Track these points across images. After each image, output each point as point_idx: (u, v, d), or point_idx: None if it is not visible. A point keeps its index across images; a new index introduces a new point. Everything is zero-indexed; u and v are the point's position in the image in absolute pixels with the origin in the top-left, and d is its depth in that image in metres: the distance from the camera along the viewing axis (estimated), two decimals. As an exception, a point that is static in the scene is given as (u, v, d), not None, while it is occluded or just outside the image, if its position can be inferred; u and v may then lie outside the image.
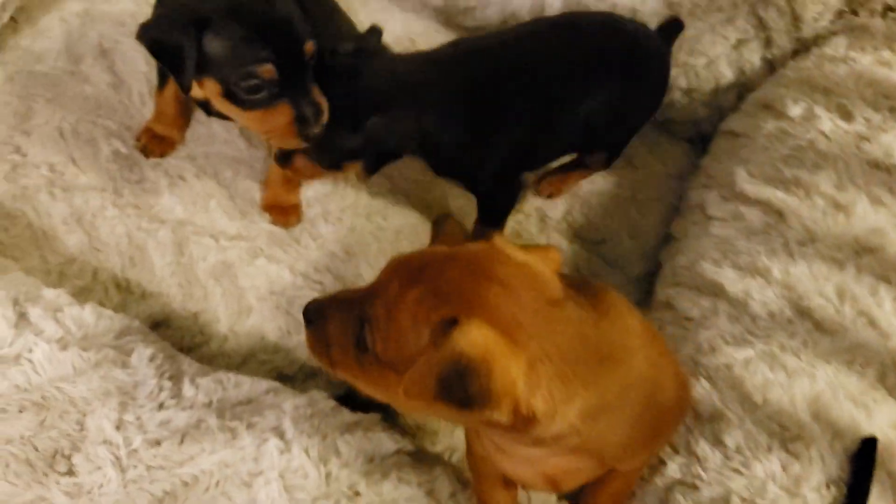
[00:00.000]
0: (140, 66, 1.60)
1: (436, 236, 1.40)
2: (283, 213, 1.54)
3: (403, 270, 0.81)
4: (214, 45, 1.13)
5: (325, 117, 1.22)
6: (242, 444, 1.05)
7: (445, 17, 1.88)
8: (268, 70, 1.14)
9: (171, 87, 1.47)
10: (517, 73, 1.33)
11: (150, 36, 1.15)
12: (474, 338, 0.71)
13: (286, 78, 1.16)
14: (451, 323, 0.74)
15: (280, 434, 1.08)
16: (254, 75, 1.14)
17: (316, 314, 0.90)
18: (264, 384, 1.17)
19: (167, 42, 1.13)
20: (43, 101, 1.51)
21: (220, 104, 1.21)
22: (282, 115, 1.19)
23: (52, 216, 1.40)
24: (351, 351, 0.83)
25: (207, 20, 1.12)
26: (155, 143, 1.54)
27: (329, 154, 1.27)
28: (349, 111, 1.23)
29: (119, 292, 1.37)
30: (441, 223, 1.42)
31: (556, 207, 1.73)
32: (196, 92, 1.26)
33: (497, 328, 0.72)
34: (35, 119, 1.49)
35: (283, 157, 1.31)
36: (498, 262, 0.80)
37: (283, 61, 1.15)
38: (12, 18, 1.55)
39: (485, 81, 1.32)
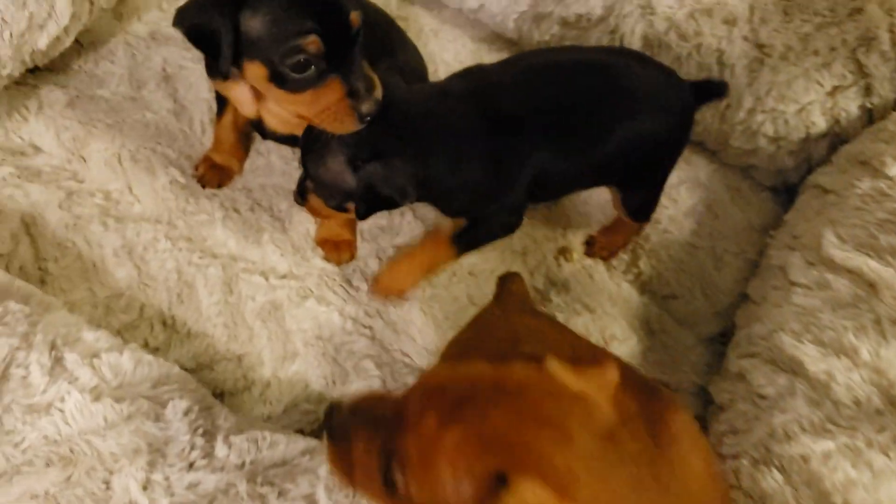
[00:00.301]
0: (202, 92, 1.58)
1: (499, 295, 1.32)
2: (336, 248, 1.48)
3: (440, 401, 0.71)
4: (253, 23, 1.06)
5: (380, 92, 1.13)
6: (272, 514, 1.00)
7: (518, 51, 1.80)
8: (313, 42, 1.05)
9: (230, 115, 1.43)
10: (541, 108, 1.23)
11: (185, 20, 1.09)
12: (528, 501, 0.63)
13: (333, 52, 1.07)
14: (500, 478, 0.65)
15: (312, 504, 1.02)
16: (299, 49, 1.05)
17: (339, 432, 0.80)
18: (301, 443, 1.11)
19: (203, 25, 1.07)
20: (103, 126, 1.49)
21: (267, 90, 1.14)
22: (332, 91, 1.10)
23: (103, 247, 1.38)
24: (378, 481, 0.74)
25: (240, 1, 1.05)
26: (213, 173, 1.51)
27: (328, 193, 1.19)
28: (348, 149, 1.14)
29: (164, 330, 1.33)
30: (506, 282, 1.34)
31: (623, 256, 1.63)
32: (246, 105, 1.22)
33: (551, 485, 0.63)
34: (94, 145, 1.48)
35: (301, 194, 1.25)
36: (550, 396, 0.70)
37: (328, 33, 1.06)
38: (77, 41, 1.53)
39: (506, 116, 1.21)
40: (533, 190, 1.27)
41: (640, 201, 1.47)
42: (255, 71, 1.10)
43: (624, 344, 1.50)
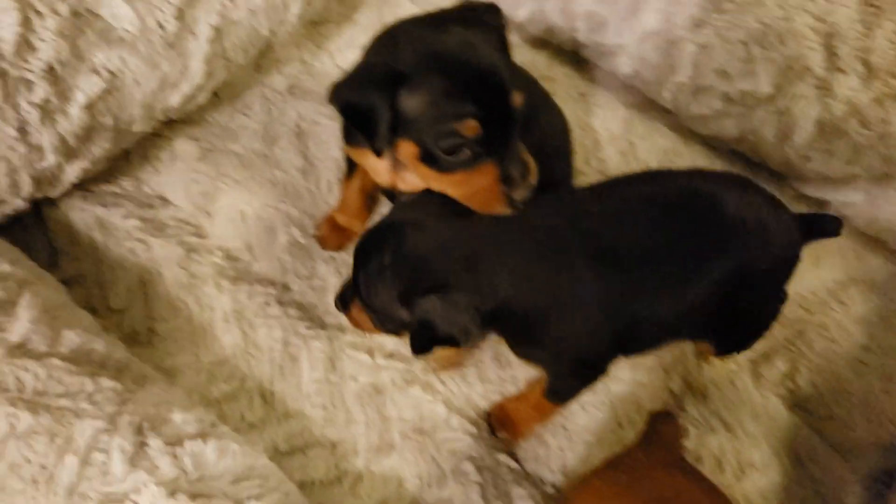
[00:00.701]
0: (332, 150, 1.53)
1: (648, 437, 1.18)
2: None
3: None
4: (411, 102, 1.00)
5: (534, 178, 1.06)
6: None
7: (674, 121, 1.64)
8: (471, 126, 0.99)
9: (358, 178, 1.37)
10: (640, 244, 1.08)
11: (341, 97, 1.03)
12: None
13: (490, 134, 1.01)
14: None
15: None
16: (455, 133, 0.99)
17: None
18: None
19: (359, 103, 1.02)
20: (231, 182, 1.47)
21: (417, 169, 1.07)
22: (485, 175, 1.04)
23: (213, 310, 1.35)
24: None
25: (402, 76, 0.99)
26: (334, 235, 1.45)
27: (379, 318, 1.09)
28: (402, 281, 1.03)
29: (263, 405, 1.28)
30: (657, 422, 1.20)
31: (777, 364, 1.44)
32: (382, 174, 1.17)
33: None
34: (221, 201, 1.46)
35: (343, 303, 1.16)
36: None
37: (487, 116, 0.99)
38: (215, 93, 1.53)
39: (608, 252, 1.07)
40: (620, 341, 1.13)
41: (731, 347, 1.32)
42: (408, 149, 1.04)
43: (764, 474, 1.32)
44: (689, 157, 1.63)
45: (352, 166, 1.36)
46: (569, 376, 1.19)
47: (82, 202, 1.40)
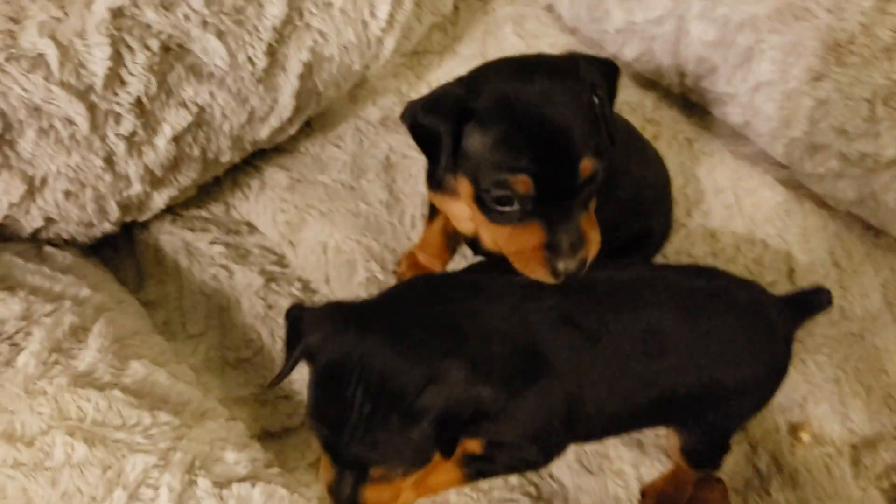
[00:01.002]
0: (419, 185, 1.50)
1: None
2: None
3: None
4: (473, 140, 0.98)
5: (590, 252, 0.99)
6: None
7: (788, 176, 1.52)
8: (522, 182, 0.94)
9: (441, 219, 1.34)
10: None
11: (412, 116, 1.03)
12: None
13: (547, 195, 0.96)
14: None
15: None
16: (505, 185, 0.95)
17: None
18: None
19: (427, 126, 1.00)
20: (317, 213, 1.47)
21: (471, 208, 1.05)
22: (531, 236, 0.99)
23: (274, 344, 1.35)
24: None
25: (471, 112, 0.97)
26: (414, 273, 1.43)
27: (393, 463, 0.95)
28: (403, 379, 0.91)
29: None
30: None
31: (882, 453, 1.30)
32: (462, 221, 1.15)
33: None
34: (304, 231, 1.46)
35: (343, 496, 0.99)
36: None
37: (545, 176, 0.94)
38: (307, 124, 1.53)
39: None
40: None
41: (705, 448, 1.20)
42: (466, 187, 1.02)
43: (850, 580, 1.19)
44: (800, 216, 1.50)
45: (434, 210, 1.34)
46: (506, 453, 1.11)
47: (171, 226, 1.43)
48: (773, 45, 1.34)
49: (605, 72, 1.03)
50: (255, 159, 1.51)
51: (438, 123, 0.98)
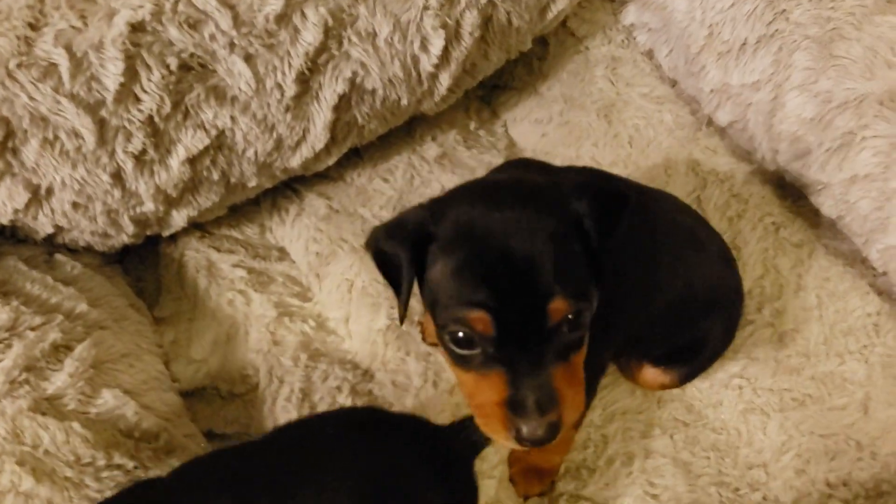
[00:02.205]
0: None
1: None
2: (530, 474, 1.21)
3: None
4: (433, 270, 0.84)
5: (565, 416, 0.82)
6: None
7: (888, 286, 1.29)
8: (480, 319, 0.79)
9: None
10: None
11: (375, 241, 0.89)
12: None
13: (513, 341, 0.80)
14: None
15: None
16: (461, 322, 0.80)
17: None
18: None
19: (388, 252, 0.87)
20: (349, 248, 1.39)
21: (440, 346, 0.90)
22: (492, 387, 0.82)
23: (282, 384, 1.28)
24: None
25: (432, 237, 0.84)
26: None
27: None
28: None
29: None
30: None
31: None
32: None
33: None
34: (334, 265, 1.38)
35: None
36: None
37: (508, 315, 0.79)
38: (357, 153, 1.45)
39: None
40: None
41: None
42: (431, 319, 0.89)
43: None
44: (892, 335, 1.28)
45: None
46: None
47: (198, 242, 1.39)
48: (879, 132, 1.13)
49: (605, 203, 0.86)
50: (296, 183, 1.45)
51: (398, 249, 0.84)
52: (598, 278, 0.86)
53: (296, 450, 0.95)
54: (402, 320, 0.89)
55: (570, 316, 0.80)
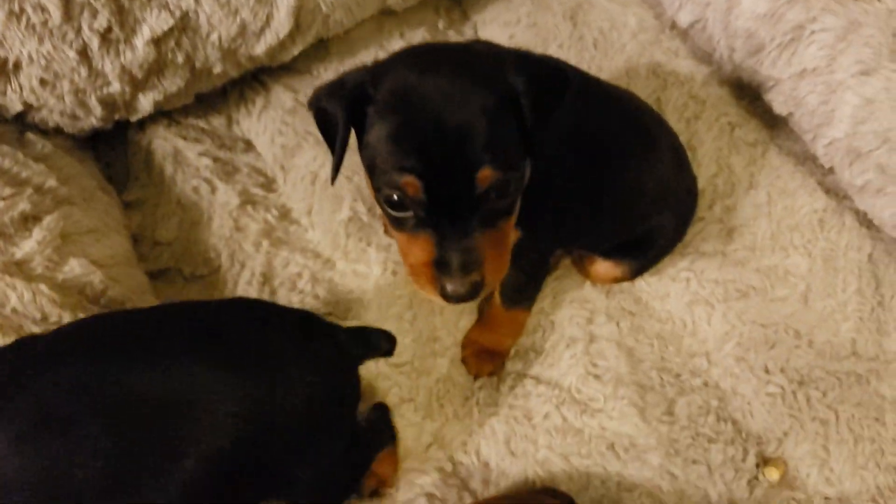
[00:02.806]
0: (426, 130, 1.42)
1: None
2: (482, 355, 1.27)
3: None
4: (370, 133, 0.87)
5: (488, 276, 0.87)
6: None
7: (835, 184, 1.33)
8: (410, 184, 0.83)
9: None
10: None
11: (314, 102, 0.93)
12: None
13: (441, 206, 0.85)
14: None
15: None
16: (394, 186, 0.84)
17: None
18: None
19: (327, 111, 0.90)
20: (314, 141, 1.42)
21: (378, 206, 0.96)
22: (422, 248, 0.88)
23: (243, 268, 1.32)
24: None
25: (370, 100, 0.86)
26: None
27: None
28: None
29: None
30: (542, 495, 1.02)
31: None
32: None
33: None
34: (298, 158, 1.42)
35: None
36: None
37: (437, 181, 0.83)
38: (325, 46, 1.47)
39: None
40: None
41: None
42: (369, 183, 0.92)
43: None
44: (835, 230, 1.32)
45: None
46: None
47: (165, 131, 1.42)
48: (826, 26, 1.15)
49: (544, 78, 0.88)
50: (262, 75, 1.47)
51: (336, 108, 0.87)
52: (532, 154, 0.90)
53: (171, 321, 0.94)
54: (333, 179, 0.92)
55: (497, 184, 0.84)
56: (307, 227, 1.38)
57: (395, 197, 0.85)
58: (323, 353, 0.95)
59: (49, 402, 0.79)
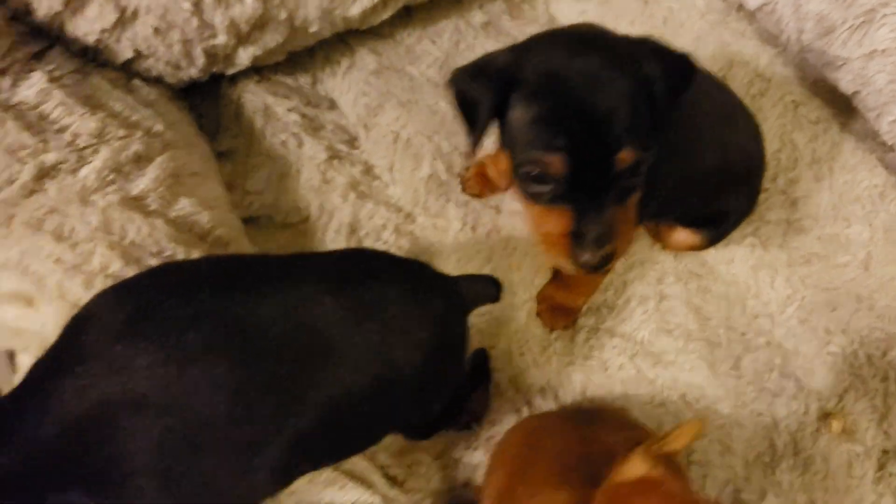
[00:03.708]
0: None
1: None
2: (556, 311, 1.33)
3: None
4: (515, 113, 0.93)
5: (618, 249, 0.95)
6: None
7: (894, 160, 1.40)
8: (555, 163, 0.90)
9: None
10: None
11: (457, 82, 0.98)
12: None
13: (582, 182, 0.91)
14: None
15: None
16: (538, 163, 0.91)
17: None
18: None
19: (468, 94, 0.96)
20: (396, 102, 1.49)
21: (512, 181, 1.01)
22: (559, 220, 0.94)
23: (332, 218, 1.39)
24: None
25: (516, 83, 0.92)
26: (478, 181, 1.43)
27: None
28: None
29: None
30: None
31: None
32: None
33: None
34: (380, 117, 1.48)
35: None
36: None
37: (580, 160, 0.89)
38: (408, 13, 1.53)
39: None
40: None
41: None
42: (507, 161, 0.99)
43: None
44: (895, 199, 1.40)
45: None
46: None
47: (256, 86, 1.49)
48: (899, 9, 1.22)
49: (675, 67, 0.95)
50: (349, 38, 1.53)
51: (481, 92, 0.93)
52: (658, 135, 0.96)
53: (302, 266, 0.98)
54: (471, 154, 0.99)
55: (633, 164, 0.91)
56: (388, 182, 1.44)
57: (537, 173, 0.92)
58: (439, 302, 1.00)
59: (187, 332, 0.83)
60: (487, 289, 1.09)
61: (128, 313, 0.84)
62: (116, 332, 0.82)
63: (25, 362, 1.07)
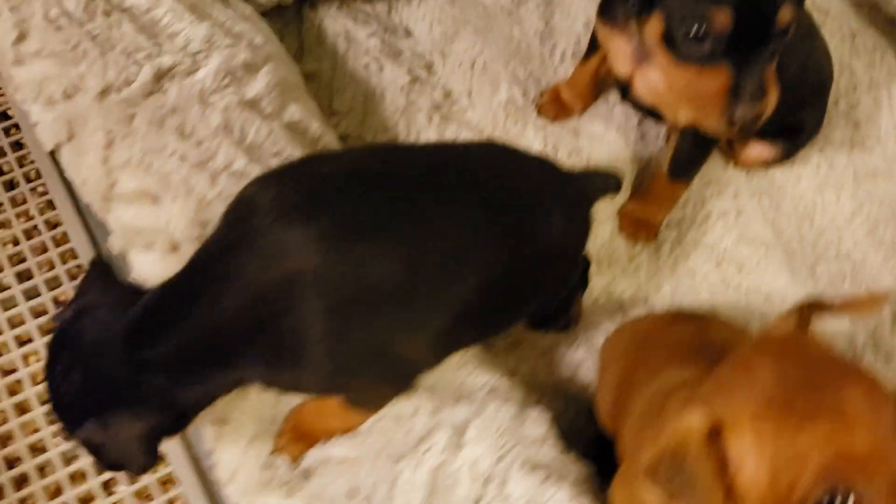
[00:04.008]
0: (577, 25, 1.53)
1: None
2: (637, 225, 1.38)
3: None
4: None
5: (768, 106, 1.00)
6: None
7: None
8: (722, 17, 0.94)
9: (596, 59, 1.36)
10: None
11: None
12: None
13: (740, 38, 0.96)
14: None
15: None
16: (704, 18, 0.95)
17: None
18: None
19: None
20: (472, 29, 1.52)
21: (656, 49, 1.05)
22: (716, 79, 0.99)
23: (420, 138, 1.42)
24: None
25: None
26: (553, 106, 1.47)
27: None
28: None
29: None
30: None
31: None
32: (622, 61, 1.14)
33: None
34: (457, 44, 1.51)
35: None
36: None
37: (744, 18, 0.95)
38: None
39: None
40: None
41: None
42: (655, 27, 1.02)
43: None
44: (948, 127, 1.48)
45: (593, 47, 1.35)
46: None
47: (337, 12, 1.52)
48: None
49: None
50: (425, -34, 1.57)
51: None
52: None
53: (445, 155, 1.03)
54: (613, 17, 1.09)
55: (789, 25, 0.96)
56: (467, 107, 1.48)
57: (699, 27, 0.96)
58: (569, 194, 1.05)
59: (359, 208, 0.85)
60: (610, 181, 1.14)
61: (296, 194, 0.87)
62: (287, 211, 0.84)
63: (143, 261, 1.08)
